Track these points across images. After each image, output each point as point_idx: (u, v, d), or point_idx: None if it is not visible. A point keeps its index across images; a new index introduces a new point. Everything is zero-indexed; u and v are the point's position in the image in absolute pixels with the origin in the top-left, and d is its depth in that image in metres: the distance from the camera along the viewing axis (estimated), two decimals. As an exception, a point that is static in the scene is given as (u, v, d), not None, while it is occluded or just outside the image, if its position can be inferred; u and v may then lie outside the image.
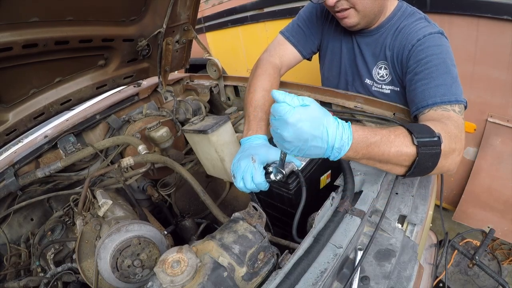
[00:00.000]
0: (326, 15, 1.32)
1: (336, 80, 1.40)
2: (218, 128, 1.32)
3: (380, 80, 1.21)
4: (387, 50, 1.15)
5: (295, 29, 1.36)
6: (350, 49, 1.28)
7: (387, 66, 1.17)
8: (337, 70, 1.37)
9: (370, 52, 1.21)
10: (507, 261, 2.07)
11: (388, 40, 1.14)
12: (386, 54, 1.15)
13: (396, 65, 1.13)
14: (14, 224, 1.41)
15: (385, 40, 1.15)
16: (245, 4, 2.91)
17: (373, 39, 1.19)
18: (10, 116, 1.27)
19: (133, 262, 0.96)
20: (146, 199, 1.80)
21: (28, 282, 1.14)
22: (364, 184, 0.91)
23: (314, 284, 0.65)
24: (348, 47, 1.28)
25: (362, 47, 1.23)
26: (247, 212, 0.92)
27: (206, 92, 1.96)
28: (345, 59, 1.31)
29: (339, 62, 1.34)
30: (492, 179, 1.88)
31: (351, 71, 1.31)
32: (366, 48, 1.22)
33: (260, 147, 0.98)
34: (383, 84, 1.21)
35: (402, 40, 1.09)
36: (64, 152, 1.47)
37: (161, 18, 1.44)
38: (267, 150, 0.95)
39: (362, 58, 1.24)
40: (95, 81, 1.50)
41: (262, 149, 0.96)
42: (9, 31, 1.00)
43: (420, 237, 0.87)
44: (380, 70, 1.19)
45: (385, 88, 1.21)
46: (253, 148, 0.98)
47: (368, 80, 1.25)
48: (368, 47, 1.21)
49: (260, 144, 1.01)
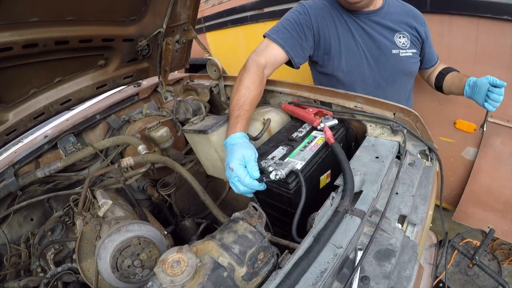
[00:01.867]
0: (319, 19, 1.39)
1: (361, 68, 1.44)
2: (218, 128, 1.32)
3: (403, 46, 1.44)
4: (400, 22, 1.43)
5: (281, 30, 1.38)
6: (363, 33, 1.42)
7: (405, 35, 1.44)
8: (359, 58, 1.43)
9: (385, 28, 1.42)
10: (507, 261, 2.07)
11: (396, 16, 1.43)
12: (401, 26, 1.43)
13: (413, 32, 1.45)
14: (14, 224, 1.41)
15: (393, 15, 1.43)
16: (245, 4, 2.91)
17: (381, 17, 1.41)
18: (10, 116, 1.27)
19: (133, 262, 0.96)
20: (146, 199, 1.80)
21: (28, 282, 1.14)
22: (364, 184, 0.91)
23: (314, 284, 0.65)
24: (360, 33, 1.41)
25: (375, 26, 1.41)
26: (247, 212, 0.92)
27: (206, 92, 1.96)
28: (363, 44, 1.42)
29: (358, 49, 1.42)
30: (492, 179, 1.88)
31: (376, 50, 1.42)
32: (379, 26, 1.42)
33: (238, 147, 1.00)
34: (406, 49, 1.43)
35: (406, 14, 1.45)
36: (64, 152, 1.47)
37: (161, 18, 1.44)
38: (244, 150, 0.98)
39: (380, 35, 1.42)
40: (95, 81, 1.50)
41: (239, 149, 0.99)
42: (9, 31, 1.00)
43: (420, 237, 0.87)
44: (401, 39, 1.43)
45: (408, 52, 1.44)
46: (234, 150, 1.00)
47: (394, 50, 1.43)
48: (380, 24, 1.42)
49: (238, 143, 1.02)
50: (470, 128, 1.83)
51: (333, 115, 1.28)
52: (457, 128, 1.88)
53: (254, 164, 0.97)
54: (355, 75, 1.45)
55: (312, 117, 1.27)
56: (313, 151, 1.12)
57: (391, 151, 1.03)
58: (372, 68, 1.43)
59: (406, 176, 0.98)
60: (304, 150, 1.13)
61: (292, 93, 1.52)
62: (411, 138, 1.13)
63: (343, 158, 0.98)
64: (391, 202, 0.88)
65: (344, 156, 0.99)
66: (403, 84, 1.51)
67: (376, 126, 1.17)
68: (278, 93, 1.58)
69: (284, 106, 1.50)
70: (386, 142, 1.09)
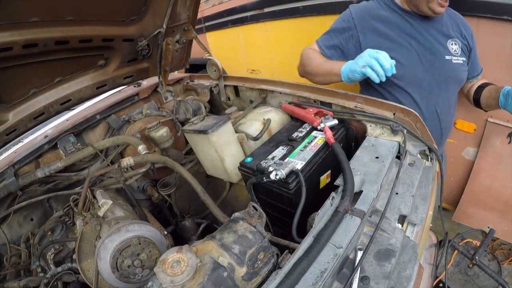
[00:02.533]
0: (365, 23, 1.42)
1: (415, 70, 1.39)
2: (218, 128, 1.32)
3: (455, 53, 1.41)
4: (452, 29, 1.43)
5: (330, 42, 1.47)
6: (418, 36, 1.39)
7: (456, 42, 1.41)
8: (413, 60, 1.39)
9: (439, 32, 1.40)
10: (507, 261, 2.07)
11: (449, 22, 1.43)
12: (453, 33, 1.42)
13: (463, 41, 1.44)
14: (14, 224, 1.41)
15: (446, 21, 1.42)
16: (245, 4, 2.90)
17: (435, 21, 1.40)
18: (10, 116, 1.27)
19: (133, 262, 0.96)
20: (146, 199, 1.80)
21: (28, 282, 1.14)
22: (364, 184, 0.91)
23: (314, 284, 0.65)
24: (415, 35, 1.39)
25: (430, 30, 1.40)
26: (247, 212, 0.92)
27: (206, 92, 1.96)
28: (417, 47, 1.39)
29: (412, 52, 1.39)
30: (492, 179, 1.88)
31: (430, 54, 1.39)
32: (434, 30, 1.40)
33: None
34: (458, 56, 1.41)
35: (458, 22, 1.45)
36: (64, 152, 1.47)
37: (161, 18, 1.44)
38: None
39: (435, 39, 1.40)
40: (95, 81, 1.50)
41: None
42: (9, 31, 1.00)
43: (420, 237, 0.87)
44: (453, 45, 1.41)
45: (459, 59, 1.41)
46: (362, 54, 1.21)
47: (447, 56, 1.40)
48: (434, 29, 1.40)
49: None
50: (470, 128, 1.83)
51: (333, 115, 1.28)
52: (457, 128, 1.87)
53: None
54: (409, 77, 1.38)
55: (312, 117, 1.28)
56: (313, 151, 1.12)
57: (391, 151, 1.03)
58: (427, 71, 1.38)
59: (406, 176, 0.98)
60: (304, 150, 1.13)
61: (292, 93, 1.52)
62: (411, 138, 1.13)
63: (343, 158, 0.98)
64: (391, 202, 0.88)
65: (344, 156, 0.99)
66: (453, 92, 1.47)
67: (376, 126, 1.17)
68: (278, 93, 1.59)
69: (284, 106, 1.50)
70: (386, 142, 1.09)
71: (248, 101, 1.83)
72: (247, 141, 1.41)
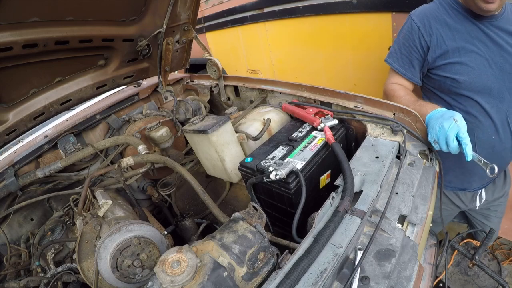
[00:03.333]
0: (429, 28, 1.30)
1: (485, 77, 1.26)
2: (218, 128, 1.32)
3: None
4: None
5: (399, 55, 1.38)
6: (486, 39, 1.26)
7: None
8: (481, 66, 1.26)
9: (508, 34, 1.26)
10: (507, 261, 2.06)
11: None
12: None
13: None
14: (14, 224, 1.41)
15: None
16: (245, 4, 2.91)
17: (503, 22, 1.25)
18: (10, 116, 1.27)
19: (133, 262, 0.96)
20: (146, 199, 1.80)
21: (28, 282, 1.14)
22: (364, 184, 0.91)
23: (314, 284, 0.65)
24: (483, 38, 1.26)
25: (497, 32, 1.26)
26: (247, 212, 0.92)
27: (206, 92, 1.96)
28: (485, 51, 1.26)
29: (480, 56, 1.26)
30: (492, 179, 1.87)
31: (499, 58, 1.26)
32: (502, 32, 1.26)
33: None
34: None
35: None
36: (64, 152, 1.48)
37: (161, 18, 1.44)
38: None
39: (504, 41, 1.26)
40: (95, 81, 1.50)
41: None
42: (9, 31, 1.00)
43: (420, 237, 0.87)
44: None
45: None
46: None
47: None
48: (502, 30, 1.26)
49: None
50: (470, 128, 1.82)
51: (333, 115, 1.28)
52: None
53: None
54: (478, 84, 1.25)
55: (312, 117, 1.28)
56: (313, 151, 1.12)
57: (391, 151, 1.03)
58: (497, 78, 1.24)
59: (406, 176, 0.98)
60: (304, 150, 1.13)
61: (292, 93, 1.52)
62: (411, 138, 1.13)
63: (343, 158, 0.98)
64: (391, 202, 0.88)
65: (344, 156, 0.99)
66: None
67: (376, 126, 1.17)
68: (278, 93, 1.59)
69: (284, 106, 1.50)
70: (386, 142, 1.09)
71: (248, 101, 1.83)
72: (247, 141, 1.41)
